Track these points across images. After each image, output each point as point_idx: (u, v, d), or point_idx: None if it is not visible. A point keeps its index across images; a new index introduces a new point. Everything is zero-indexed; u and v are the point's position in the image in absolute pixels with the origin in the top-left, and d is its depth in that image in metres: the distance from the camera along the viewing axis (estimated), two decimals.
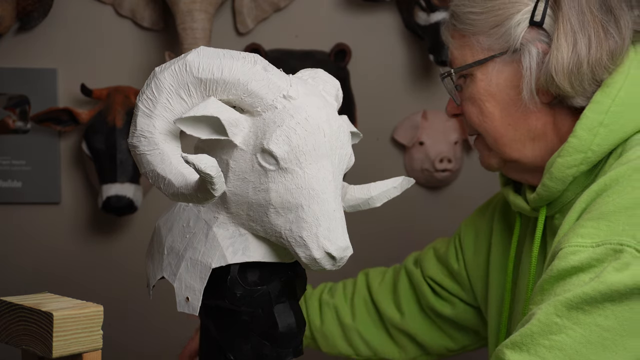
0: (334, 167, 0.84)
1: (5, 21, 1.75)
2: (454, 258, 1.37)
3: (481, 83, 1.12)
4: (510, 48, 1.09)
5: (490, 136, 1.13)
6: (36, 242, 1.92)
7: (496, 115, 1.12)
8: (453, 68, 1.15)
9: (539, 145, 1.12)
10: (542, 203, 1.13)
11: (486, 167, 1.20)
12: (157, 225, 0.96)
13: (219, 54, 0.82)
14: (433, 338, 1.39)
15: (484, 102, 1.12)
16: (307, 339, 1.43)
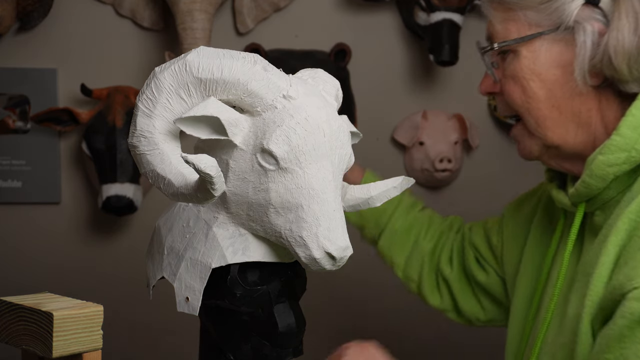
0: (334, 167, 0.84)
1: (5, 21, 1.75)
2: (495, 232, 1.37)
3: (525, 61, 1.07)
4: (562, 25, 1.04)
5: (533, 118, 1.08)
6: (36, 242, 1.92)
7: (541, 96, 1.07)
8: (495, 42, 1.10)
9: (582, 131, 1.08)
10: (580, 199, 1.09)
11: (526, 156, 1.15)
12: (157, 225, 0.96)
13: (218, 54, 0.82)
14: (467, 301, 1.40)
15: (528, 81, 1.07)
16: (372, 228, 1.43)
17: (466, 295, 1.40)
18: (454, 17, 1.86)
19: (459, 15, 1.87)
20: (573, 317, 1.06)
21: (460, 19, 1.87)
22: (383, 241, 1.42)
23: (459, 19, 1.87)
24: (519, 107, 1.09)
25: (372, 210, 1.37)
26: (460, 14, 1.87)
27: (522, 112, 1.09)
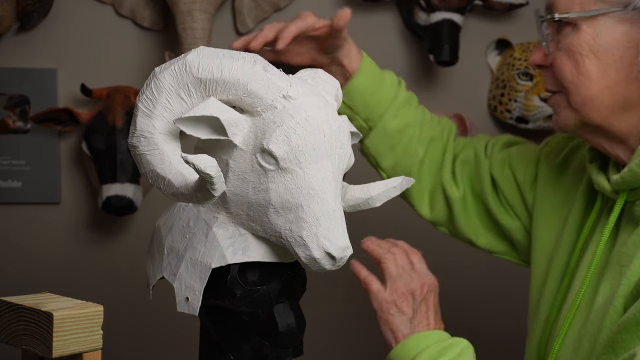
0: (334, 167, 0.84)
1: (5, 21, 1.75)
2: (524, 173, 1.27)
3: (585, 36, 1.02)
4: (631, 4, 0.99)
5: (580, 96, 1.04)
6: (36, 242, 1.92)
7: (594, 75, 1.02)
8: (556, 13, 1.04)
9: (629, 116, 1.04)
10: (624, 187, 1.04)
11: (560, 127, 1.10)
12: (157, 225, 0.96)
13: (218, 54, 0.82)
14: (470, 227, 1.34)
15: (584, 57, 1.02)
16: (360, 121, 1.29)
17: (470, 221, 1.33)
18: (454, 17, 1.86)
19: (459, 15, 1.87)
20: (602, 306, 1.03)
21: (460, 19, 1.87)
22: (370, 140, 1.30)
23: (459, 19, 1.87)
24: (568, 83, 1.04)
25: (364, 101, 1.25)
26: (460, 14, 1.87)
27: (570, 88, 1.04)
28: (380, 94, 1.27)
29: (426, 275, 1.16)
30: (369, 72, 1.27)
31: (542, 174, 1.25)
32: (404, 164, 1.32)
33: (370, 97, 1.27)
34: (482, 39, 2.05)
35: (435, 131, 1.35)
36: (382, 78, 1.29)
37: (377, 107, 1.28)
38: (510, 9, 2.00)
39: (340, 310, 1.99)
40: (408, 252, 1.19)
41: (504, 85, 2.01)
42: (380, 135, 1.29)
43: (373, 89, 1.27)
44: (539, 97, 1.95)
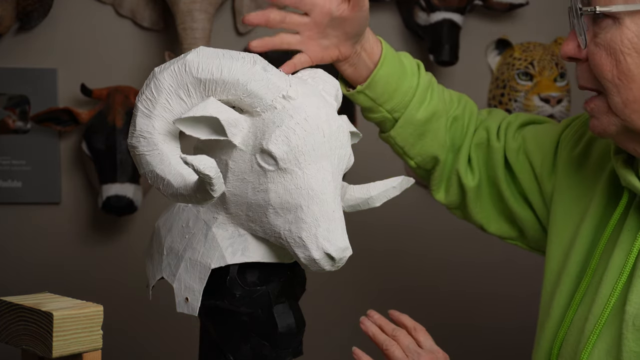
0: (334, 168, 0.84)
1: (5, 21, 1.75)
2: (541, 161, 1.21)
3: (628, 32, 0.94)
4: None
5: (621, 97, 0.96)
6: (36, 242, 1.92)
7: (636, 75, 0.95)
8: (597, 6, 0.96)
9: None
10: None
11: (599, 133, 1.02)
12: (157, 225, 0.96)
13: (218, 54, 0.82)
14: (482, 213, 1.29)
15: (626, 55, 0.95)
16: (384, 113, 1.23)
17: (483, 208, 1.29)
18: (454, 17, 1.86)
19: (459, 15, 1.87)
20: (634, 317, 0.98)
21: (460, 19, 1.87)
22: (396, 131, 1.23)
23: (459, 19, 1.87)
24: (607, 82, 0.97)
25: (389, 91, 1.19)
26: (460, 14, 1.87)
27: (609, 87, 0.97)
28: (403, 83, 1.21)
29: (436, 350, 1.11)
30: (392, 61, 1.20)
31: (562, 163, 1.19)
32: (431, 150, 1.26)
33: (394, 87, 1.20)
34: (482, 39, 2.05)
35: (457, 112, 1.30)
36: (402, 65, 1.23)
37: (403, 97, 1.21)
38: (510, 9, 2.00)
39: (340, 311, 1.99)
40: (412, 330, 1.14)
41: (504, 85, 2.01)
42: (407, 125, 1.23)
43: (397, 78, 1.20)
44: (539, 97, 1.95)
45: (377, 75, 1.18)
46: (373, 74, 1.17)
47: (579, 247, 1.11)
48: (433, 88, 1.26)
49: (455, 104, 1.30)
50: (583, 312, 1.06)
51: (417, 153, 1.26)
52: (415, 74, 1.24)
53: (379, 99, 1.20)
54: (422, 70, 1.26)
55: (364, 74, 1.17)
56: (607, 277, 1.03)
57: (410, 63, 1.24)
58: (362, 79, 1.18)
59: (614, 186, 1.09)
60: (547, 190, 1.20)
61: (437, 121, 1.25)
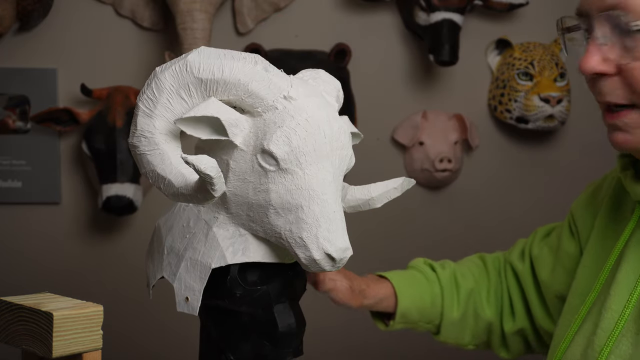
0: (334, 168, 0.84)
1: (5, 21, 1.75)
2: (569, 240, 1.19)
3: None
4: None
5: None
6: (36, 242, 1.92)
7: None
8: (634, 22, 0.90)
9: None
10: None
11: (627, 147, 0.98)
12: (157, 225, 0.96)
13: (219, 54, 0.81)
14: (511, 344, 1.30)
15: None
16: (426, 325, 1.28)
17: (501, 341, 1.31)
18: (454, 17, 1.86)
19: (459, 15, 1.87)
20: None
21: (460, 19, 1.87)
22: (444, 336, 1.29)
23: (459, 19, 1.87)
24: None
25: (419, 312, 1.25)
26: (460, 14, 1.87)
27: None
28: (427, 297, 1.26)
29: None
30: (406, 291, 1.24)
31: (577, 215, 1.18)
32: (480, 329, 1.30)
33: (421, 306, 1.25)
34: (482, 39, 2.05)
35: (487, 281, 1.32)
36: (419, 283, 1.27)
37: (432, 309, 1.26)
38: (510, 9, 2.00)
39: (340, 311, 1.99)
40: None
41: (504, 85, 2.01)
42: (449, 327, 1.28)
43: (419, 299, 1.25)
44: (539, 97, 1.95)
45: (400, 310, 1.23)
46: (397, 311, 1.23)
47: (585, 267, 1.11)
48: (457, 280, 1.30)
49: (484, 273, 1.32)
50: (588, 328, 1.04)
51: (470, 338, 1.30)
52: (434, 280, 1.29)
53: (413, 320, 1.26)
54: (438, 268, 1.31)
55: (390, 310, 1.24)
56: (616, 292, 1.01)
57: (424, 272, 1.30)
58: (392, 310, 1.25)
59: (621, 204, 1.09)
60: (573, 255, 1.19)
61: (472, 307, 1.29)
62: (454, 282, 1.29)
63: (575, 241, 1.18)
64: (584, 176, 2.13)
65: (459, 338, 1.29)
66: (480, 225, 2.10)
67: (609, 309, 1.00)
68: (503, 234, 2.11)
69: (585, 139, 2.12)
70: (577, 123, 2.10)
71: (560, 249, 1.19)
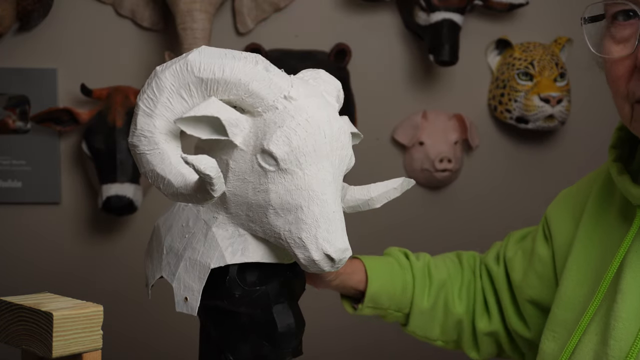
0: (334, 169, 0.84)
1: (5, 21, 1.75)
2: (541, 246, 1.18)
3: None
4: None
5: None
6: (36, 242, 1.92)
7: None
8: None
9: None
10: None
11: None
12: (157, 224, 0.96)
13: (220, 54, 0.81)
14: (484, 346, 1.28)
15: None
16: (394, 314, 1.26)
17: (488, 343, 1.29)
18: (454, 17, 1.86)
19: (459, 15, 1.87)
20: None
21: (460, 19, 1.87)
22: (413, 326, 1.27)
23: (459, 19, 1.87)
24: None
25: (388, 297, 1.23)
26: (460, 14, 1.87)
27: None
28: (398, 283, 1.24)
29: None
30: (378, 273, 1.23)
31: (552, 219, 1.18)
32: (449, 323, 1.28)
33: (392, 291, 1.23)
34: (482, 39, 2.05)
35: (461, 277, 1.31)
36: (391, 269, 1.25)
37: (403, 296, 1.25)
38: (510, 9, 2.00)
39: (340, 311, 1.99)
40: None
41: (504, 85, 2.01)
42: (418, 317, 1.26)
43: (390, 284, 1.23)
44: (539, 97, 1.95)
45: (370, 292, 1.21)
46: (367, 293, 1.21)
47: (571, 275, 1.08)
48: (430, 271, 1.29)
49: (458, 269, 1.32)
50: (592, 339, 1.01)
51: (439, 332, 1.28)
52: (407, 267, 1.28)
53: (383, 305, 1.24)
54: (412, 257, 1.30)
55: (359, 295, 1.23)
56: (625, 300, 0.97)
57: (397, 259, 1.28)
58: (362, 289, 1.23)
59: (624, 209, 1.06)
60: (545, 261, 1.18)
61: (442, 299, 1.27)
62: (427, 273, 1.28)
63: (549, 246, 1.17)
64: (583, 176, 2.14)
65: (428, 330, 1.27)
66: (480, 225, 2.10)
67: (620, 318, 0.96)
68: (503, 234, 2.11)
69: (585, 139, 2.12)
70: (577, 123, 2.10)
71: (534, 253, 1.19)
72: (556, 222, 1.16)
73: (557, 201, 1.20)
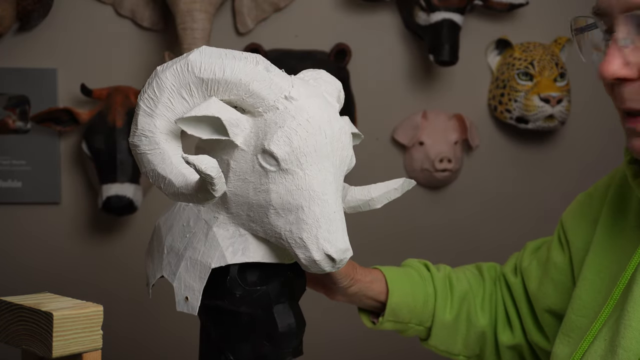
0: (335, 169, 0.84)
1: (5, 21, 1.75)
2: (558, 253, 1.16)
3: None
4: None
5: None
6: (36, 242, 1.92)
7: None
8: None
9: None
10: None
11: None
12: (157, 224, 0.96)
13: (221, 54, 0.81)
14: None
15: None
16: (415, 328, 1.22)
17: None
18: (454, 17, 1.86)
19: (459, 15, 1.87)
20: None
21: (460, 19, 1.87)
22: (434, 340, 1.22)
23: (459, 19, 1.87)
24: None
25: (409, 310, 1.19)
26: (460, 14, 1.87)
27: None
28: (420, 295, 1.21)
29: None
30: (399, 284, 1.19)
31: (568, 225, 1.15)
32: (472, 336, 1.24)
33: (413, 304, 1.19)
34: (482, 39, 2.05)
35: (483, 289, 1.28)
36: (412, 280, 1.22)
37: (425, 308, 1.21)
38: (510, 9, 2.00)
39: (341, 311, 1.99)
40: None
41: (504, 85, 2.01)
42: (440, 330, 1.22)
43: (411, 296, 1.19)
44: (539, 97, 1.95)
45: (391, 305, 1.17)
46: (387, 305, 1.17)
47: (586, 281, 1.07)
48: (451, 282, 1.25)
49: (480, 280, 1.28)
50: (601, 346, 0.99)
51: (462, 347, 1.24)
52: (428, 279, 1.24)
53: (404, 319, 1.20)
54: (433, 269, 1.26)
55: (379, 307, 1.19)
56: (635, 308, 0.95)
57: (418, 270, 1.25)
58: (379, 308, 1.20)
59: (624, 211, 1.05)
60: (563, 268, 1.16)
61: (465, 311, 1.23)
62: (448, 284, 1.25)
63: (565, 253, 1.15)
64: (583, 176, 2.14)
65: (450, 345, 1.23)
66: (480, 225, 2.10)
67: (629, 327, 0.93)
68: (503, 234, 2.11)
69: (585, 139, 2.12)
70: (577, 123, 2.10)
71: (549, 261, 1.17)
72: (572, 228, 1.14)
73: (572, 206, 1.18)
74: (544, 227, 2.13)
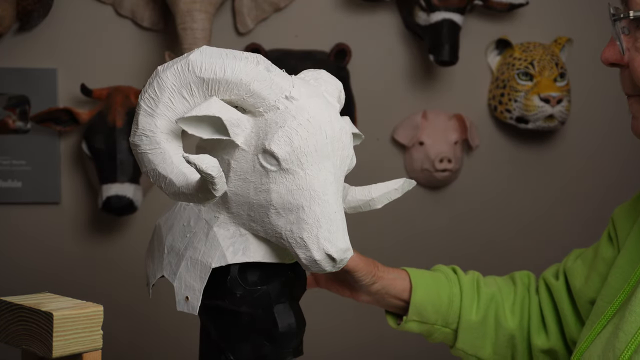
0: (336, 169, 0.84)
1: (5, 21, 1.75)
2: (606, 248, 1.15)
3: None
4: None
5: None
6: (36, 242, 1.92)
7: None
8: (631, 11, 0.93)
9: None
10: None
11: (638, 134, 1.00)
12: (158, 224, 0.96)
13: (221, 54, 0.81)
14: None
15: None
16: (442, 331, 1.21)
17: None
18: (454, 17, 1.86)
19: (459, 15, 1.87)
20: None
21: (460, 19, 1.87)
22: (462, 343, 1.21)
23: (459, 19, 1.87)
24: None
25: (435, 310, 1.18)
26: (460, 14, 1.87)
27: None
28: (444, 295, 1.20)
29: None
30: (422, 283, 1.19)
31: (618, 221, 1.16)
32: (501, 341, 1.22)
33: (438, 302, 1.19)
34: (482, 39, 2.05)
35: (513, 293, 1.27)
36: (437, 280, 1.21)
37: (450, 309, 1.20)
38: (510, 9, 2.00)
39: (341, 310, 1.99)
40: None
41: (504, 85, 2.01)
42: (467, 332, 1.21)
43: (436, 294, 1.19)
44: (539, 97, 1.95)
45: (415, 302, 1.17)
46: (411, 303, 1.17)
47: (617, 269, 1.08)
48: (479, 285, 1.24)
49: (510, 285, 1.27)
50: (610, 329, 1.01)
51: (490, 354, 1.22)
52: (454, 280, 1.23)
53: (430, 319, 1.19)
54: (460, 272, 1.25)
55: (403, 306, 1.19)
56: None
57: (445, 272, 1.24)
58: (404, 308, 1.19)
59: None
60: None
61: (495, 312, 1.22)
62: (476, 286, 1.23)
63: (614, 247, 1.15)
64: (584, 176, 2.14)
65: (478, 348, 1.20)
66: (480, 225, 2.10)
67: (633, 312, 0.96)
68: (503, 234, 2.11)
69: (585, 139, 2.12)
70: (577, 123, 2.10)
71: (597, 257, 1.16)
72: (621, 221, 1.15)
73: (626, 203, 1.18)
74: (544, 226, 2.13)
